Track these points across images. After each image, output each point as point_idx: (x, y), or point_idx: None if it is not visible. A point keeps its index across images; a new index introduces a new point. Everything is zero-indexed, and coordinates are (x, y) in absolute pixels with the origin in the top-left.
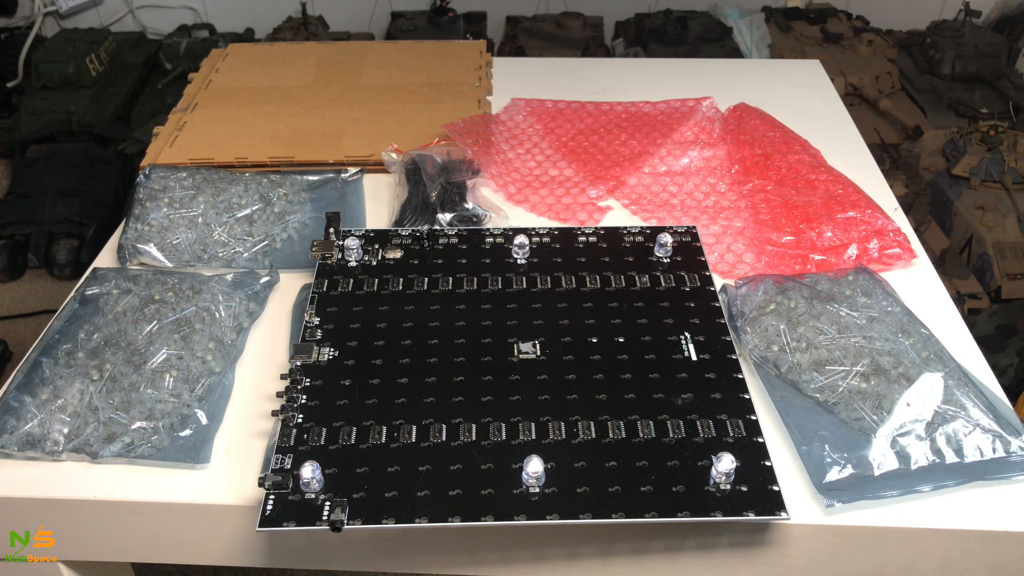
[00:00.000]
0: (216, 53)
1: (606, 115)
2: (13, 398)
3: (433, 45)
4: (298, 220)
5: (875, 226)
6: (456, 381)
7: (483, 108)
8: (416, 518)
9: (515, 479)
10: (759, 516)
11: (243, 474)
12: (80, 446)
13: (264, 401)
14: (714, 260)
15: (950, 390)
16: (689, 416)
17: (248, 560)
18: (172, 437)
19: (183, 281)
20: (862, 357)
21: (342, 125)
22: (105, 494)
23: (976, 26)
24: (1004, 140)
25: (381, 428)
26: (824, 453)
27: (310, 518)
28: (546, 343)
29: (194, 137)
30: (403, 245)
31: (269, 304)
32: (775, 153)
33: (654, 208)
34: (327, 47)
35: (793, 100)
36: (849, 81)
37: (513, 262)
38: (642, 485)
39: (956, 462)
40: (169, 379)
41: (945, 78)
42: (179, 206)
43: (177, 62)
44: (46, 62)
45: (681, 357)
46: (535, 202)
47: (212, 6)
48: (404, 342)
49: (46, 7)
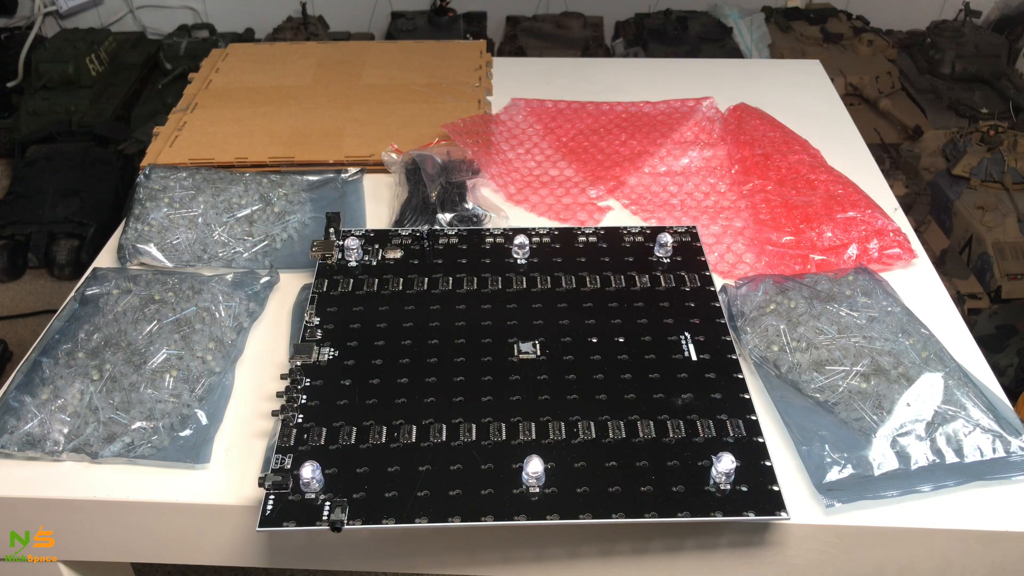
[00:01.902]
0: (216, 53)
1: (606, 115)
2: (13, 398)
3: (433, 45)
4: (298, 220)
5: (875, 226)
6: (456, 381)
7: (483, 108)
8: (416, 518)
9: (515, 479)
10: (759, 516)
11: (243, 474)
12: (80, 446)
13: (264, 401)
14: (714, 260)
15: (950, 390)
16: (689, 416)
17: (248, 560)
18: (172, 437)
19: (183, 281)
20: (862, 357)
21: (342, 125)
22: (105, 494)
23: (976, 26)
24: (1004, 140)
25: (381, 428)
26: (824, 453)
27: (310, 518)
28: (546, 343)
29: (194, 137)
30: (403, 245)
31: (269, 304)
32: (775, 153)
33: (654, 208)
34: (327, 47)
35: (793, 100)
36: (849, 81)
37: (513, 262)
38: (642, 485)
39: (956, 462)
40: (169, 379)
41: (945, 78)
42: (179, 206)
43: (177, 62)
44: (46, 62)
45: (681, 357)
46: (535, 202)
47: (212, 6)
48: (404, 342)
49: (46, 7)
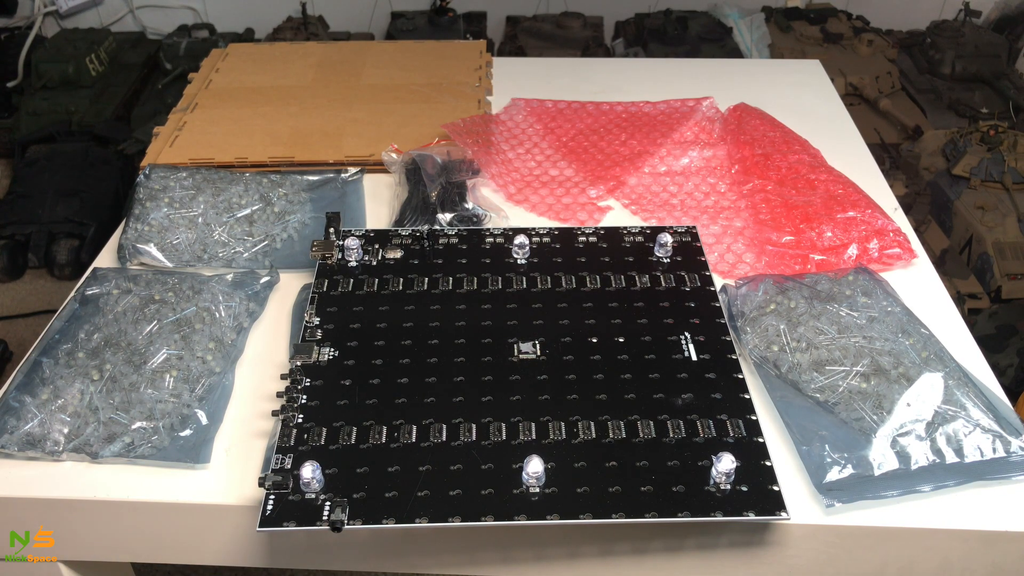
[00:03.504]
0: (216, 53)
1: (606, 115)
2: (13, 398)
3: (433, 45)
4: (298, 220)
5: (875, 226)
6: (456, 381)
7: (483, 108)
8: (416, 518)
9: (515, 479)
10: (759, 516)
11: (243, 474)
12: (80, 446)
13: (264, 401)
14: (714, 260)
15: (950, 390)
16: (689, 416)
17: (248, 560)
18: (172, 437)
19: (183, 281)
20: (862, 357)
21: (342, 125)
22: (105, 494)
23: (976, 26)
24: (1004, 140)
25: (381, 428)
26: (824, 453)
27: (310, 518)
28: (546, 343)
29: (194, 137)
30: (403, 245)
31: (269, 304)
32: (775, 153)
33: (654, 208)
34: (327, 47)
35: (793, 100)
36: (849, 81)
37: (513, 262)
38: (642, 485)
39: (956, 462)
40: (169, 379)
41: (945, 78)
42: (179, 206)
43: (177, 62)
44: (46, 62)
45: (681, 357)
46: (535, 202)
47: (212, 6)
48: (404, 342)
49: (46, 7)
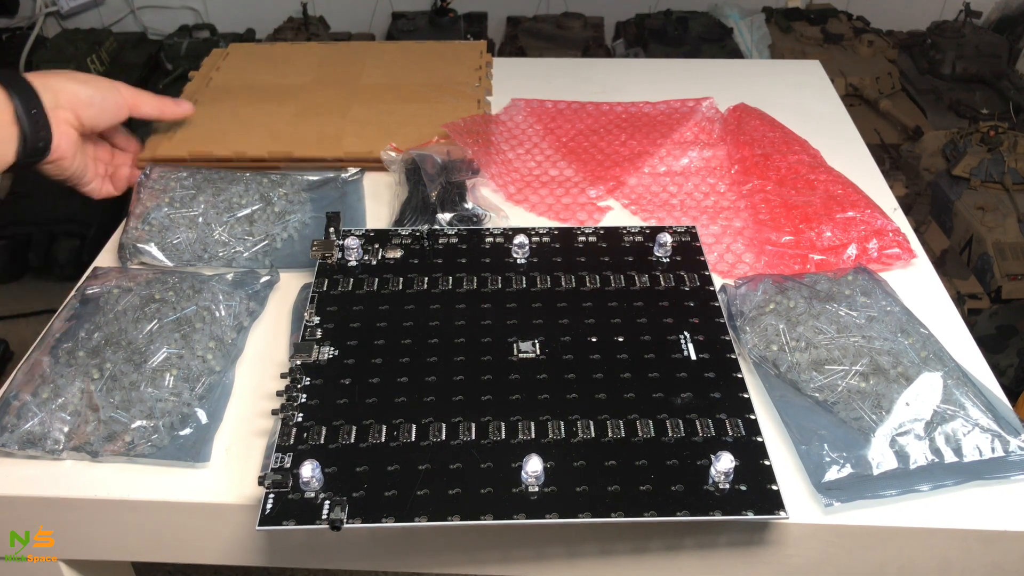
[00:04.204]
0: (217, 53)
1: (606, 115)
2: (14, 397)
3: (433, 45)
4: (298, 220)
5: (875, 226)
6: (456, 380)
7: (483, 108)
8: (416, 517)
9: (514, 478)
10: (758, 515)
11: (243, 473)
12: (80, 445)
13: (264, 400)
14: (714, 260)
15: (949, 389)
16: (688, 415)
17: (248, 559)
18: (172, 436)
19: (183, 280)
20: (861, 357)
21: (342, 125)
22: (105, 493)
23: (976, 27)
24: (1004, 141)
25: (381, 427)
26: (823, 452)
27: (310, 517)
28: (546, 343)
29: (194, 131)
30: (403, 245)
31: (269, 303)
32: (775, 153)
33: (654, 208)
34: (328, 47)
35: (793, 100)
36: (849, 81)
37: (513, 262)
38: (641, 484)
39: (955, 461)
40: (169, 378)
41: (945, 79)
42: (179, 206)
43: (178, 62)
44: (47, 62)
45: (680, 357)
46: (535, 202)
47: (213, 7)
48: (404, 341)
49: (47, 8)
